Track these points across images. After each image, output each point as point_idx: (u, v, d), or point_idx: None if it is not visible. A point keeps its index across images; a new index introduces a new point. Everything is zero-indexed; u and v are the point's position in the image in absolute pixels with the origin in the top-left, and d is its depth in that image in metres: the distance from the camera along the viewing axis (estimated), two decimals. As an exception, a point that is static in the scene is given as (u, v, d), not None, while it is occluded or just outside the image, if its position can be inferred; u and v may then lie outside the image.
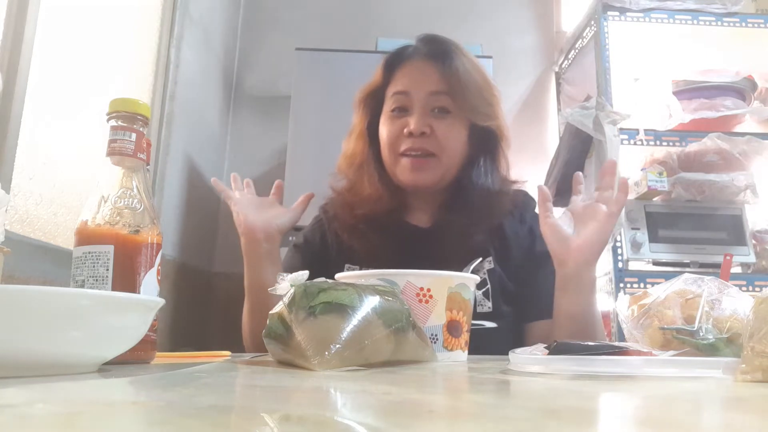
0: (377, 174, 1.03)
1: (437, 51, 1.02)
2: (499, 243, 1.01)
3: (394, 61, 1.04)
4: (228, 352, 0.74)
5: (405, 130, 0.98)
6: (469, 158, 1.03)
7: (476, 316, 0.94)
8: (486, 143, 1.04)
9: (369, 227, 1.00)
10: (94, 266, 0.56)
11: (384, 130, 1.02)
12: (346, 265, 1.00)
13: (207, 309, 2.39)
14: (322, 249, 1.05)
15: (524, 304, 0.99)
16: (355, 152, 1.06)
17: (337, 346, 0.49)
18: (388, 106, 1.02)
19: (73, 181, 1.39)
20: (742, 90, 2.18)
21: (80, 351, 0.43)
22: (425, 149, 0.98)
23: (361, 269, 0.95)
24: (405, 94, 1.00)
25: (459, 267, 0.73)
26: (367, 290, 0.56)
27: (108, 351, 0.46)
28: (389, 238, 0.99)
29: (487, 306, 0.96)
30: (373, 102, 1.06)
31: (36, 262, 1.21)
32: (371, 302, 0.54)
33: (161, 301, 0.49)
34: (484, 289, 0.97)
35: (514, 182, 1.08)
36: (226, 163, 2.57)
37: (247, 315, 1.00)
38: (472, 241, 0.97)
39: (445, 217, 1.01)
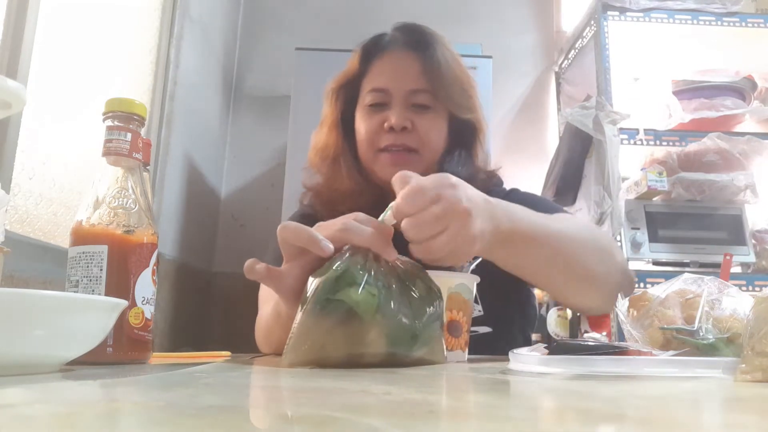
0: (355, 168, 0.97)
1: (417, 42, 0.97)
2: None
3: (371, 51, 0.99)
4: (228, 352, 0.74)
5: (385, 125, 0.93)
6: (447, 152, 0.98)
7: None
8: (464, 136, 1.00)
9: None
10: (88, 266, 0.56)
11: (362, 125, 0.97)
12: None
13: (207, 309, 2.39)
14: None
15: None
16: (327, 144, 1.00)
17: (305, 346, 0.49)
18: (365, 100, 0.97)
19: (73, 181, 1.39)
20: (742, 90, 2.18)
21: (42, 351, 0.43)
22: (406, 145, 0.93)
23: None
24: (384, 91, 0.95)
25: (444, 267, 0.67)
26: (405, 294, 0.52)
27: (70, 351, 0.46)
28: None
29: (477, 309, 0.89)
30: (348, 93, 1.00)
31: (36, 262, 1.21)
32: (387, 311, 0.51)
33: (123, 303, 0.49)
34: None
35: (491, 172, 1.02)
36: (226, 163, 2.57)
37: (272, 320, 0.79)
38: None
39: None
